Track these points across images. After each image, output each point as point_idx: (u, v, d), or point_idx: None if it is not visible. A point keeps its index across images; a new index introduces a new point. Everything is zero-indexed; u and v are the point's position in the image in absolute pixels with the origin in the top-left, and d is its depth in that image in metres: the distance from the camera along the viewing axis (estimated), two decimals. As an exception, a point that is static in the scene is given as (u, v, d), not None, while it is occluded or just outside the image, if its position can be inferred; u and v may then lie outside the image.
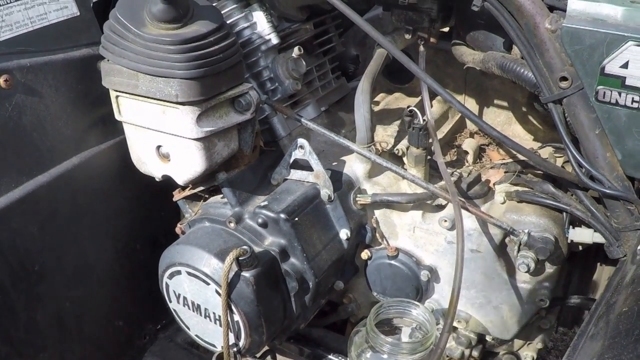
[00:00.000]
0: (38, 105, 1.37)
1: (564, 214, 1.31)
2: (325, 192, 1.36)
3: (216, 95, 1.23)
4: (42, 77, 1.37)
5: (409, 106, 1.36)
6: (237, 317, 1.28)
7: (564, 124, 1.19)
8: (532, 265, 1.26)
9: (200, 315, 1.36)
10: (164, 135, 1.28)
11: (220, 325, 1.30)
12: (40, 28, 1.39)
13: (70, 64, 1.43)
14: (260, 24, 1.42)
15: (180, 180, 1.33)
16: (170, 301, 1.40)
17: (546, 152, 1.45)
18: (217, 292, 1.27)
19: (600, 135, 1.16)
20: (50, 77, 1.39)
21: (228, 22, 1.37)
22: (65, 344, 1.50)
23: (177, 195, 1.44)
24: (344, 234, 1.39)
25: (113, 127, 1.46)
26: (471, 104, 1.61)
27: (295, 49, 1.45)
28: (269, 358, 1.52)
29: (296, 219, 1.31)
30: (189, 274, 1.31)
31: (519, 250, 1.28)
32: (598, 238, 1.26)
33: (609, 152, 1.16)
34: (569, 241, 1.31)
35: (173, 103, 1.20)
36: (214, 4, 1.37)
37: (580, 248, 1.36)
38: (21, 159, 1.35)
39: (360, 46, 1.76)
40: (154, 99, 1.22)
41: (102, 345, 1.61)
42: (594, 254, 1.47)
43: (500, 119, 1.59)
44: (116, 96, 1.30)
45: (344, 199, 1.38)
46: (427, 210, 1.38)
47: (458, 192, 1.28)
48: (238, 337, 1.32)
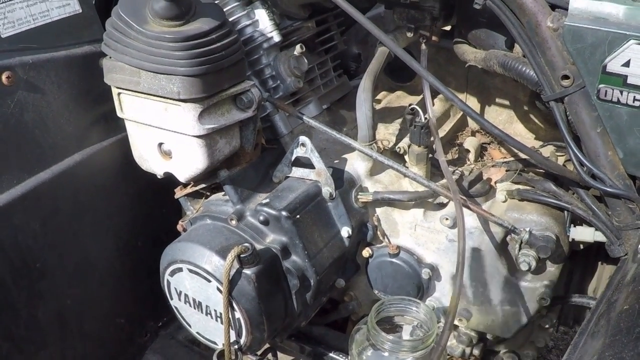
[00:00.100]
0: (40, 102, 1.37)
1: (565, 212, 1.31)
2: (327, 190, 1.36)
3: (218, 92, 1.23)
4: (44, 74, 1.37)
5: (410, 104, 1.36)
6: (239, 315, 1.28)
7: (565, 122, 1.19)
8: (533, 264, 1.26)
9: (202, 312, 1.36)
10: (165, 133, 1.28)
11: (222, 322, 1.30)
12: (42, 25, 1.39)
13: (73, 61, 1.43)
14: (263, 22, 1.42)
15: (181, 177, 1.33)
16: (172, 298, 1.40)
17: (548, 151, 1.45)
18: (219, 290, 1.27)
19: (602, 134, 1.16)
20: (53, 74, 1.39)
21: (230, 20, 1.37)
22: (66, 341, 1.50)
23: (179, 193, 1.45)
24: (346, 231, 1.39)
25: (115, 125, 1.45)
26: (473, 103, 1.61)
27: (297, 47, 1.45)
28: (269, 356, 1.52)
29: (298, 216, 1.31)
30: (191, 271, 1.31)
31: (520, 248, 1.28)
32: (599, 237, 1.26)
33: (611, 151, 1.16)
34: (570, 240, 1.31)
35: (175, 100, 1.20)
36: (216, 2, 1.37)
37: (581, 247, 1.36)
38: (23, 155, 1.35)
39: (362, 44, 1.76)
40: (156, 96, 1.22)
41: (103, 342, 1.61)
42: (595, 253, 1.47)
43: (502, 117, 1.59)
44: (118, 93, 1.30)
45: (345, 197, 1.38)
46: (429, 208, 1.38)
47: (459, 191, 1.28)
48: (239, 335, 1.32)
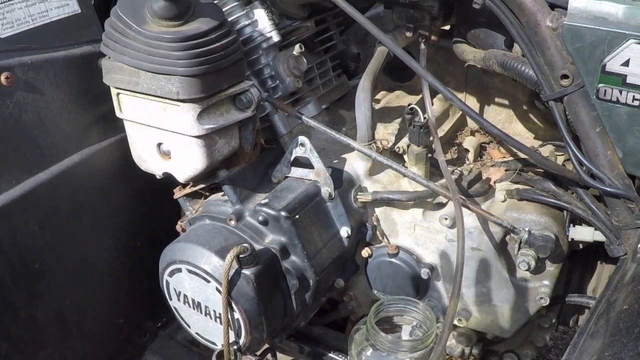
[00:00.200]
0: (39, 103, 1.37)
1: (565, 212, 1.31)
2: (326, 190, 1.36)
3: (217, 92, 1.23)
4: (43, 75, 1.37)
5: (409, 104, 1.36)
6: (238, 315, 1.28)
7: (564, 122, 1.19)
8: (533, 264, 1.26)
9: (201, 312, 1.36)
10: (164, 133, 1.28)
11: (221, 323, 1.30)
12: (41, 25, 1.39)
13: (71, 62, 1.43)
14: (262, 22, 1.42)
15: (180, 177, 1.33)
16: (171, 299, 1.40)
17: (547, 150, 1.45)
18: (218, 290, 1.27)
19: (601, 133, 1.16)
20: (52, 75, 1.39)
21: (229, 20, 1.37)
22: (65, 341, 1.50)
23: (178, 193, 1.45)
24: (345, 231, 1.39)
25: (114, 125, 1.45)
26: (472, 102, 1.61)
27: (297, 47, 1.45)
28: (269, 356, 1.52)
29: (297, 216, 1.31)
30: (190, 271, 1.31)
31: (520, 248, 1.28)
32: (598, 236, 1.26)
33: (610, 150, 1.16)
34: (570, 239, 1.31)
35: (174, 100, 1.20)
36: (215, 2, 1.37)
37: (580, 246, 1.36)
38: (22, 156, 1.35)
39: (361, 44, 1.76)
40: (154, 96, 1.22)
41: (102, 342, 1.61)
42: (595, 252, 1.47)
43: (501, 117, 1.59)
44: (117, 93, 1.30)
45: (344, 197, 1.38)
46: (428, 208, 1.38)
47: (459, 190, 1.28)
48: (238, 335, 1.32)
